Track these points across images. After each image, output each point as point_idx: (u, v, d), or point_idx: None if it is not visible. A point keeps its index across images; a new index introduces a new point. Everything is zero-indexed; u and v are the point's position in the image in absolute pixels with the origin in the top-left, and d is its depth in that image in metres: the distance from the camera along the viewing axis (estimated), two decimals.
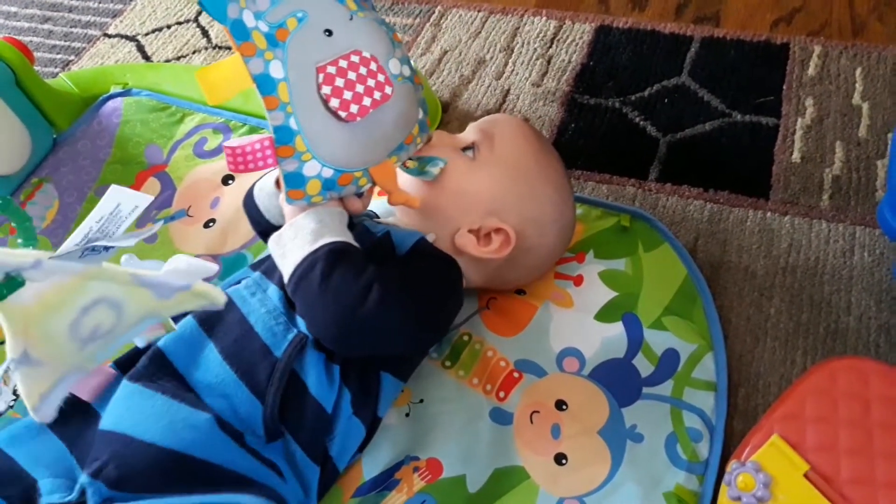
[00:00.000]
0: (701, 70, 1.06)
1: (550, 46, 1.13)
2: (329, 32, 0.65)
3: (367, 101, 0.65)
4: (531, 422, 0.74)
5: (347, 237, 0.67)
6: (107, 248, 0.54)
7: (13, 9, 1.39)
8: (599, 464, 0.71)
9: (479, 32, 1.17)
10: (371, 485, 0.71)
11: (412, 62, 0.72)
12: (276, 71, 0.62)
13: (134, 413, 0.63)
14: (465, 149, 0.77)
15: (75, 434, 0.65)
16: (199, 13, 1.31)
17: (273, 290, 0.69)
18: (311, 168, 0.64)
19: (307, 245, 0.65)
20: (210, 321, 0.68)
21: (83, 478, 0.61)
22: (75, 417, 0.66)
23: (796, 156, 0.95)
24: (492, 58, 1.13)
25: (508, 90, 1.08)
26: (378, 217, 0.82)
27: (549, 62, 1.11)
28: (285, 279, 0.66)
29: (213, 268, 0.57)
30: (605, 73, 1.08)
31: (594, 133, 1.01)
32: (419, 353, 0.76)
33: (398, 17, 1.22)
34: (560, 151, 0.81)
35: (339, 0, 0.68)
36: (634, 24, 1.14)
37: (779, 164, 0.94)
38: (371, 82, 0.66)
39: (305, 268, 0.64)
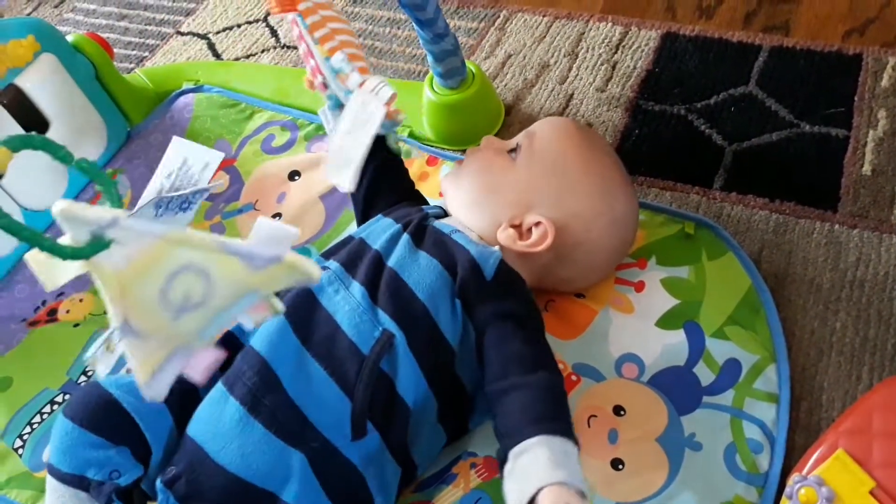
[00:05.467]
0: (769, 79, 1.05)
1: (616, 52, 1.12)
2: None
3: None
4: (588, 425, 0.74)
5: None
6: (183, 209, 0.53)
7: (92, 6, 1.45)
8: (656, 471, 0.70)
9: (544, 37, 1.17)
10: (430, 480, 0.72)
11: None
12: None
13: (214, 423, 0.65)
14: (511, 151, 0.79)
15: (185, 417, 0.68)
16: (269, 14, 1.34)
17: (356, 287, 0.69)
18: None
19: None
20: (297, 317, 0.68)
21: (158, 482, 0.64)
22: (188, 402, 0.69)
23: (867, 168, 0.93)
24: (556, 62, 1.13)
25: (572, 95, 1.08)
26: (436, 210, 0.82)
27: (613, 68, 1.10)
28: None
29: (295, 232, 0.51)
30: (670, 80, 1.08)
31: (659, 140, 1.01)
32: None
33: (463, 20, 1.23)
34: (623, 158, 0.81)
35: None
36: (702, 32, 1.13)
37: (848, 176, 0.92)
38: None
39: None
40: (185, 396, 0.68)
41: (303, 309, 0.69)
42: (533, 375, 0.65)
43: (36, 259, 0.50)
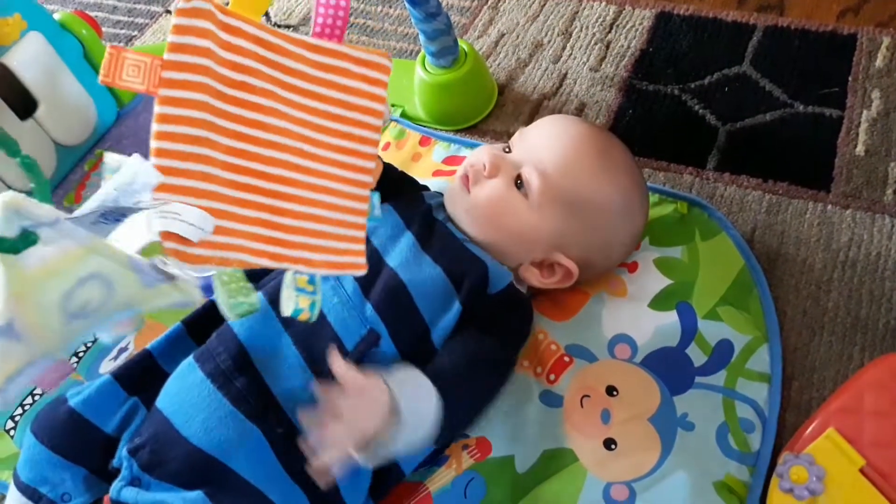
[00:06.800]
0: (763, 59, 1.04)
1: (609, 31, 1.12)
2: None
3: None
4: (581, 406, 0.74)
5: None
6: (118, 220, 0.52)
7: None
8: (649, 450, 0.71)
9: (538, 16, 1.16)
10: (422, 461, 0.72)
11: None
12: None
13: (182, 396, 0.65)
14: (518, 180, 0.74)
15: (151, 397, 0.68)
16: None
17: (348, 280, 0.69)
18: None
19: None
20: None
21: (123, 451, 0.64)
22: (153, 384, 0.68)
23: (860, 149, 0.92)
24: (549, 41, 1.12)
25: (566, 74, 1.07)
26: (438, 199, 0.80)
27: (607, 47, 1.10)
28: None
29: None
30: (664, 59, 1.07)
31: (652, 120, 1.00)
32: None
33: None
34: (617, 137, 0.80)
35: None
36: (696, 12, 1.12)
37: (841, 156, 0.92)
38: None
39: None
40: (151, 376, 0.69)
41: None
42: (474, 358, 0.68)
43: None
